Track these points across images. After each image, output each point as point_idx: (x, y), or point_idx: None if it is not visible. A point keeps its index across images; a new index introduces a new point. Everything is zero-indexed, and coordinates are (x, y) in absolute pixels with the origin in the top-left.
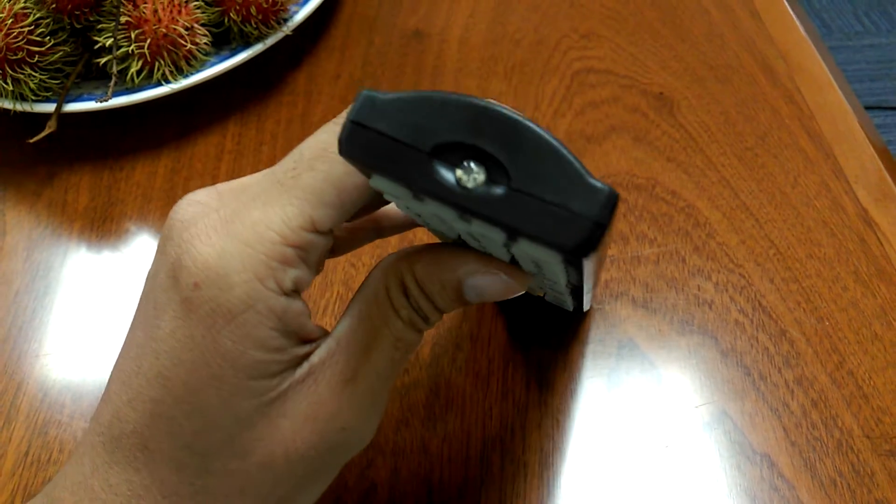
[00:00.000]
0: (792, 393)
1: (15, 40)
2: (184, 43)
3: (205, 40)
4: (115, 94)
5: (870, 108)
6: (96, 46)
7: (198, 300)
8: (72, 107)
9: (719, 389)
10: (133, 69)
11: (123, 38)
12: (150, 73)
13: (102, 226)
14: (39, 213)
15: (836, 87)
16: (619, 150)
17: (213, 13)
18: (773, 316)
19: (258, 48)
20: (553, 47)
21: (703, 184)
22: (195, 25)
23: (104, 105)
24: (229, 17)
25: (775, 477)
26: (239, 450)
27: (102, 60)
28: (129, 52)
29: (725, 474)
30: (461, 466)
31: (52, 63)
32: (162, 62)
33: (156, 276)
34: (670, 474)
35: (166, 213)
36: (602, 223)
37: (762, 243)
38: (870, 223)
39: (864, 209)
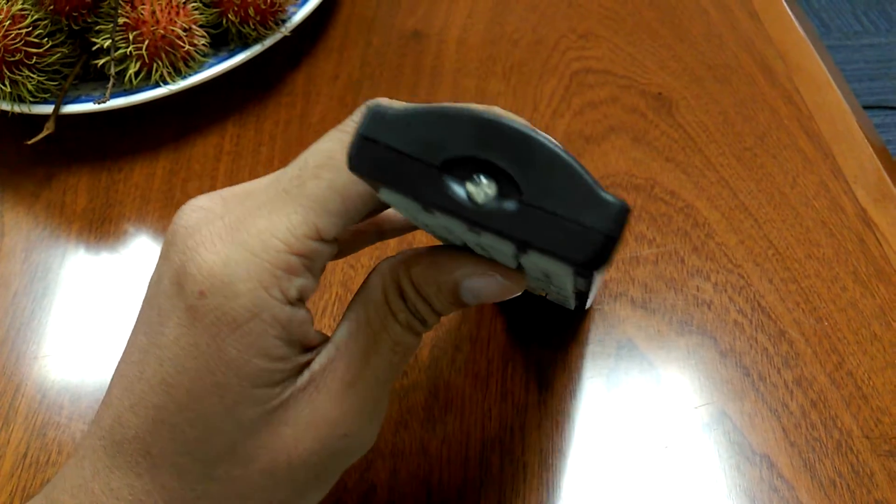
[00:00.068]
0: (791, 393)
1: (13, 42)
2: (182, 44)
3: (203, 41)
4: (113, 95)
5: (868, 107)
6: (94, 48)
7: (203, 308)
8: (70, 108)
9: (718, 390)
10: (131, 70)
11: (121, 39)
12: (149, 75)
13: (101, 227)
14: (38, 215)
15: (835, 86)
16: (617, 150)
17: (211, 14)
18: (772, 316)
19: (256, 49)
20: (551, 47)
21: (701, 184)
22: (193, 27)
23: (102, 107)
24: (227, 18)
25: (775, 477)
26: (241, 457)
27: (100, 62)
28: (127, 53)
29: (725, 475)
30: (460, 468)
31: (50, 64)
32: (160, 63)
33: (159, 282)
34: (670, 475)
35: (164, 214)
36: (614, 237)
37: (761, 243)
38: (869, 223)
39: (863, 209)
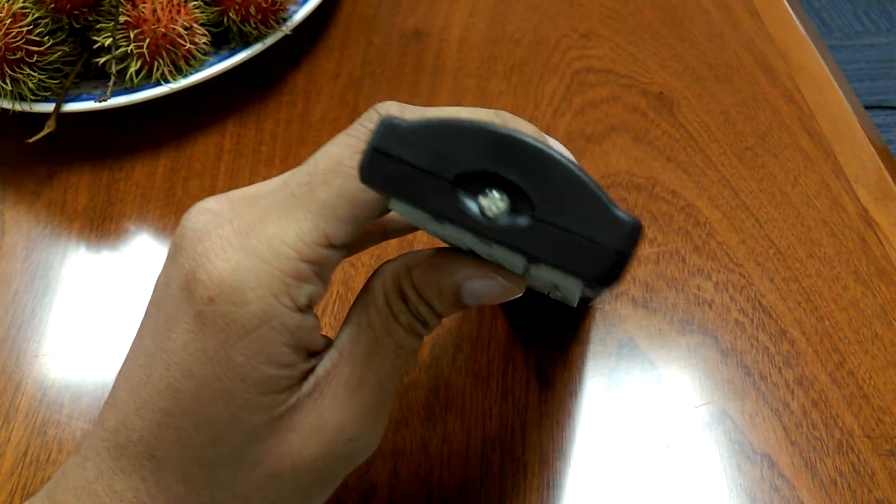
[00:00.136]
0: (792, 393)
1: (14, 40)
2: (183, 43)
3: (204, 40)
4: (114, 93)
5: (869, 107)
6: (95, 46)
7: (212, 315)
8: (71, 107)
9: (719, 389)
10: (132, 69)
11: (122, 37)
12: (149, 73)
13: (101, 225)
14: (38, 213)
15: (836, 86)
16: (618, 149)
17: (212, 13)
18: (774, 315)
19: (257, 48)
20: (553, 47)
21: (703, 183)
22: (194, 25)
23: (103, 105)
24: (228, 16)
25: (775, 477)
26: (247, 462)
27: (101, 60)
28: (128, 51)
29: (726, 474)
30: (461, 467)
31: (50, 63)
32: (161, 62)
33: (167, 286)
34: (670, 474)
35: (165, 212)
36: (627, 254)
37: (762, 243)
38: (870, 223)
39: (865, 208)
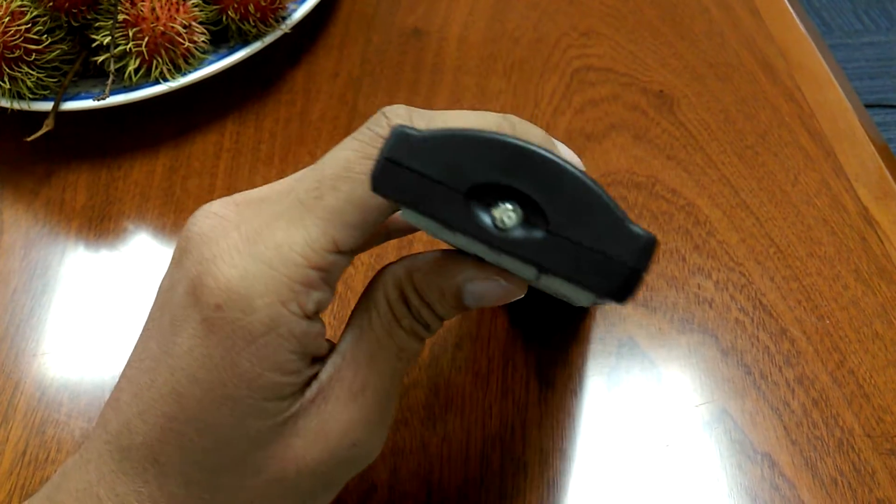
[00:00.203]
0: (793, 392)
1: (12, 38)
2: (182, 41)
3: (203, 38)
4: (113, 92)
5: (870, 106)
6: (94, 44)
7: (219, 321)
8: (69, 105)
9: (720, 388)
10: (131, 67)
11: (121, 36)
12: (148, 72)
13: (100, 224)
14: (37, 212)
15: (837, 84)
16: (618, 148)
17: (211, 11)
18: (774, 314)
19: (256, 46)
20: (552, 45)
21: (703, 182)
22: (193, 23)
23: (102, 103)
24: (227, 15)
25: (776, 476)
26: (250, 468)
27: (100, 59)
28: (127, 50)
29: (726, 473)
30: (461, 466)
31: (49, 61)
32: (160, 60)
33: (173, 289)
34: (671, 473)
35: (164, 211)
36: (641, 269)
37: (762, 241)
38: (870, 221)
39: (865, 207)
